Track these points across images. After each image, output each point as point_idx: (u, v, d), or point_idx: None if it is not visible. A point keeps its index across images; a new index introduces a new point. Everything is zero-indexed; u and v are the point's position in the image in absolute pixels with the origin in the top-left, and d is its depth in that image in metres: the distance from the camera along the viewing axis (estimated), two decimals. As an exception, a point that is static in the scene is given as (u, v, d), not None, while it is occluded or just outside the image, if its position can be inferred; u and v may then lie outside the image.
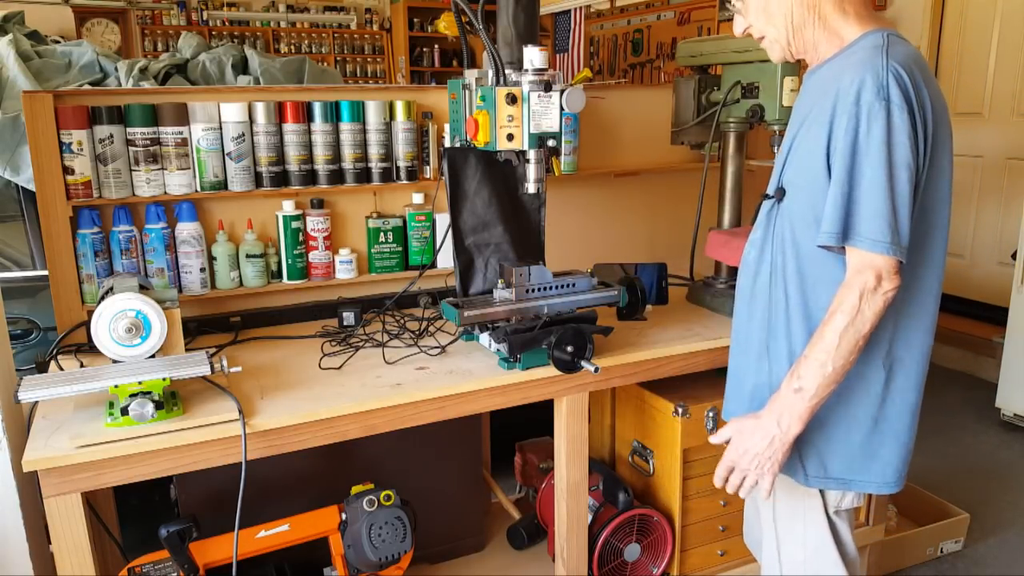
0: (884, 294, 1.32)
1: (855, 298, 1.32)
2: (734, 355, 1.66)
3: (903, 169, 1.30)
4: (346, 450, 1.98)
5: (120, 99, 2.00)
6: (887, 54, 1.32)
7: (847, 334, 1.33)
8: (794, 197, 1.44)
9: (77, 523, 1.49)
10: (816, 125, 1.37)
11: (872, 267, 1.31)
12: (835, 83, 1.35)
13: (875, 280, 1.31)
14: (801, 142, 1.42)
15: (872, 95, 1.29)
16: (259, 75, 3.04)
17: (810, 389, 1.37)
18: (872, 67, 1.30)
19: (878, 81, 1.29)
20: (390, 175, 2.27)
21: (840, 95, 1.33)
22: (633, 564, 2.20)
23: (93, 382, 1.51)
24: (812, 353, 1.36)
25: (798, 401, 1.38)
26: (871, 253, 1.31)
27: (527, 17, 1.86)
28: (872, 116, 1.29)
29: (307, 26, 8.88)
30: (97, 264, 1.99)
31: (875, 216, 1.30)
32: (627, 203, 2.71)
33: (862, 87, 1.30)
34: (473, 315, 1.80)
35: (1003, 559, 2.66)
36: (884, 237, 1.30)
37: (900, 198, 1.30)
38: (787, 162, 1.46)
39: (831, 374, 1.35)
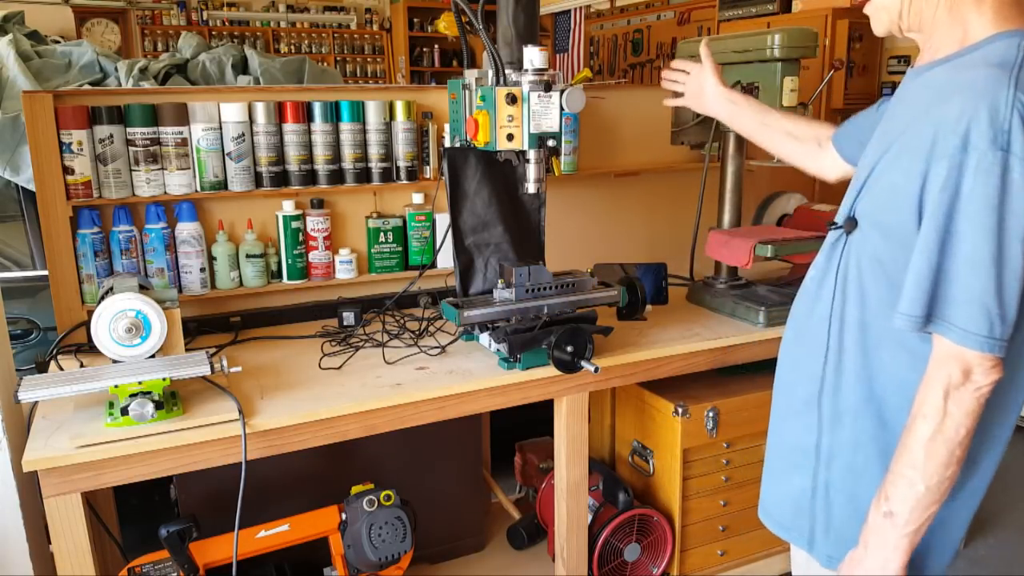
0: (977, 391, 1.05)
1: (938, 398, 1.05)
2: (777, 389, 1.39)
3: (1018, 242, 1.00)
4: (346, 450, 1.98)
5: (120, 99, 2.00)
6: (1016, 80, 1.00)
7: (934, 445, 1.06)
8: (867, 234, 1.17)
9: (77, 523, 1.49)
10: (908, 156, 1.08)
11: (959, 360, 1.04)
12: (940, 104, 1.05)
13: (962, 376, 1.04)
14: (885, 171, 1.13)
15: (986, 141, 0.99)
16: (259, 75, 3.04)
17: (902, 514, 1.09)
18: (991, 98, 1.00)
19: (997, 122, 0.98)
20: (390, 175, 2.27)
21: (942, 129, 1.02)
22: (633, 564, 2.20)
23: (93, 382, 1.51)
24: (898, 468, 1.10)
25: (890, 529, 1.11)
26: (963, 348, 1.04)
27: (527, 17, 1.86)
28: (981, 169, 0.99)
29: (307, 26, 8.87)
30: (97, 264, 1.99)
31: (971, 301, 1.02)
32: (627, 203, 2.71)
33: (972, 126, 0.99)
34: (473, 315, 1.80)
35: (1003, 559, 2.66)
36: (980, 329, 1.02)
37: (1009, 279, 1.01)
38: (865, 188, 1.18)
39: (925, 494, 1.08)
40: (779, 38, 2.02)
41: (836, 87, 4.36)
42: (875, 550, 1.13)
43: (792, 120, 1.68)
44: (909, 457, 1.09)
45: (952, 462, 1.07)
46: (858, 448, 1.22)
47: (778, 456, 1.38)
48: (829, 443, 1.25)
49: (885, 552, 1.12)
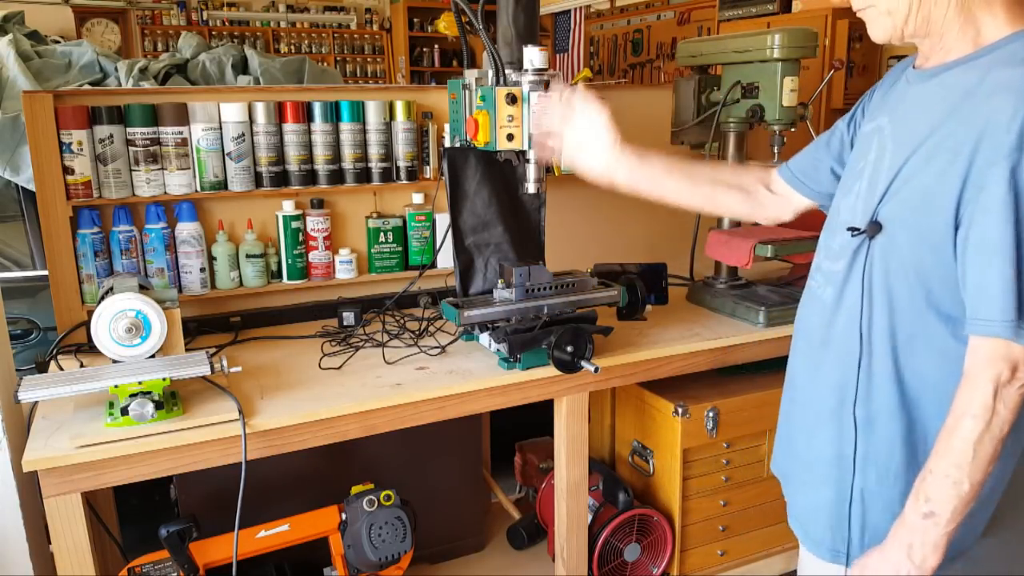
0: (1021, 387, 1.06)
1: (987, 396, 1.05)
2: (791, 405, 1.39)
3: None
4: (346, 450, 1.98)
5: (120, 99, 2.00)
6: None
7: (983, 443, 1.06)
8: (895, 237, 1.15)
9: (77, 523, 1.49)
10: (944, 156, 1.07)
11: (1008, 358, 1.04)
12: (976, 104, 1.05)
13: (1009, 372, 1.05)
14: (915, 175, 1.11)
15: None
16: (259, 75, 3.04)
17: (944, 513, 1.09)
18: None
19: None
20: (390, 175, 2.27)
21: (991, 127, 1.01)
22: (633, 564, 2.20)
23: (93, 382, 1.51)
24: (940, 468, 1.09)
25: (931, 528, 1.10)
26: (1010, 342, 1.04)
27: (527, 17, 1.86)
28: None
29: (307, 26, 8.87)
30: (97, 264, 1.99)
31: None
32: (627, 203, 2.69)
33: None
34: (473, 315, 1.80)
35: (1003, 559, 2.66)
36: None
37: None
38: (890, 192, 1.15)
39: (968, 492, 1.08)
40: (779, 38, 2.02)
41: (836, 87, 4.36)
42: (914, 550, 1.12)
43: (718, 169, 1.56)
44: (954, 457, 1.08)
45: (995, 459, 1.08)
46: (892, 452, 1.21)
47: (807, 469, 1.35)
48: (864, 450, 1.24)
49: (924, 551, 1.12)
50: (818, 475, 1.31)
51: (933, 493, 1.10)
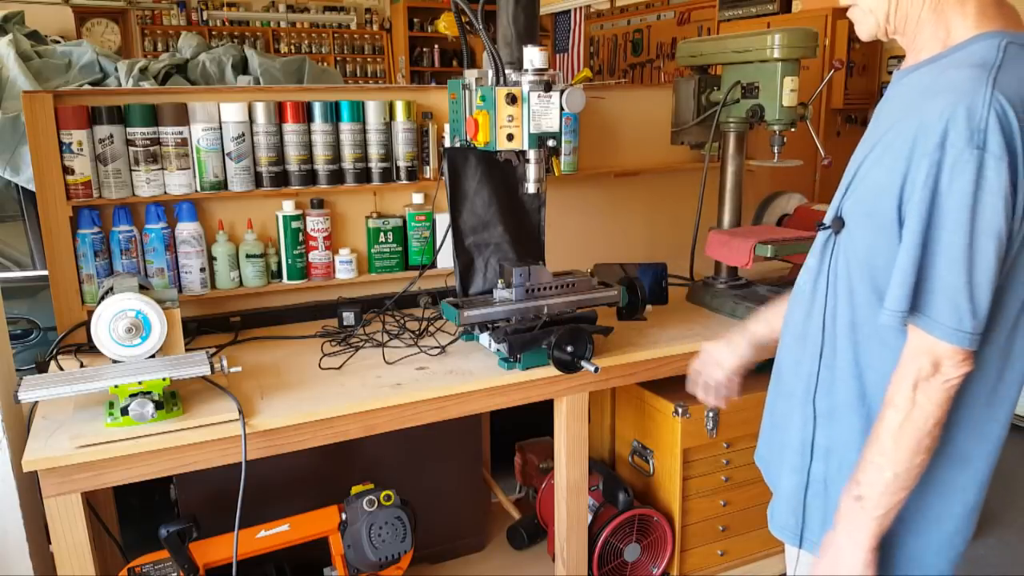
0: (946, 383, 1.08)
1: (908, 388, 1.09)
2: (776, 397, 1.41)
3: (990, 238, 1.02)
4: (346, 450, 1.98)
5: (120, 99, 2.00)
6: (994, 80, 1.02)
7: (903, 433, 1.09)
8: (852, 233, 1.18)
9: (77, 523, 1.49)
10: (890, 156, 1.10)
11: (930, 353, 1.07)
12: (921, 104, 1.07)
13: (931, 368, 1.07)
14: (869, 171, 1.15)
15: (963, 139, 1.01)
16: (259, 75, 3.04)
17: (871, 498, 1.12)
18: (969, 98, 1.01)
19: (974, 121, 1.00)
20: (390, 175, 2.27)
21: (923, 128, 1.05)
22: (633, 564, 2.20)
23: (93, 382, 1.51)
24: (868, 455, 1.13)
25: (859, 512, 1.14)
26: (932, 337, 1.07)
27: (527, 17, 1.86)
28: (958, 167, 1.01)
29: (307, 26, 8.87)
30: (97, 264, 1.99)
31: (943, 294, 1.05)
32: (627, 203, 2.71)
33: (950, 125, 1.01)
34: (473, 315, 1.80)
35: (1003, 559, 2.66)
36: (951, 322, 1.05)
37: (980, 274, 1.03)
38: (850, 188, 1.19)
39: (893, 480, 1.11)
40: (779, 38, 2.02)
41: (836, 87, 4.36)
42: (846, 533, 1.16)
43: None
44: (879, 445, 1.12)
45: (920, 451, 1.10)
46: (850, 444, 1.23)
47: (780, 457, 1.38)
48: (825, 439, 1.27)
49: (856, 535, 1.15)
50: (787, 463, 1.35)
51: (863, 478, 1.14)
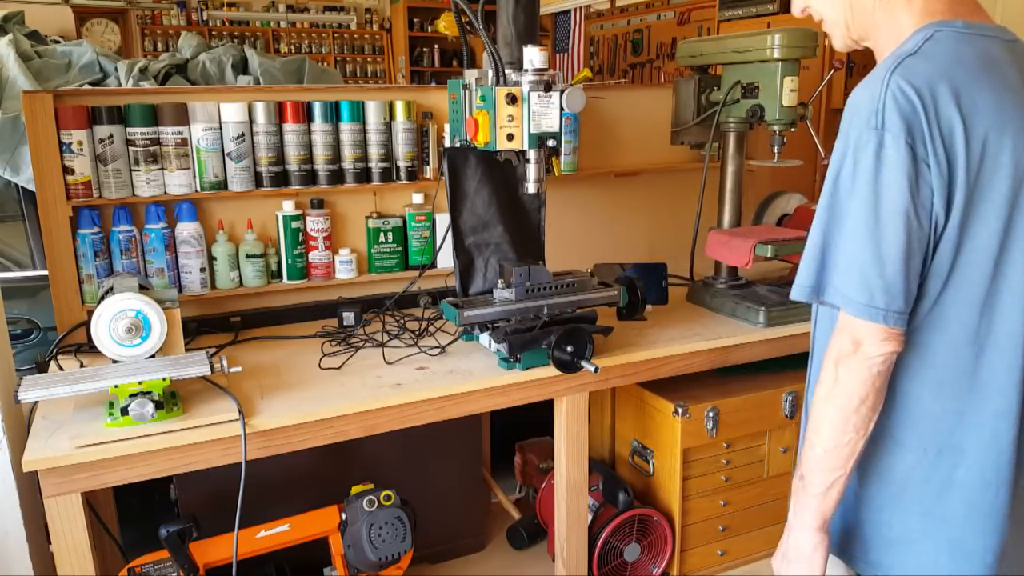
0: (868, 360, 1.09)
1: (831, 365, 1.12)
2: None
3: (894, 214, 1.05)
4: (346, 450, 1.98)
5: (120, 99, 2.00)
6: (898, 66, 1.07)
7: (826, 408, 1.12)
8: None
9: (77, 523, 1.49)
10: (839, 143, 1.15)
11: (849, 330, 1.10)
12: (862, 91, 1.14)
13: (852, 345, 1.10)
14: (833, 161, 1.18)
15: (863, 121, 1.07)
16: (259, 75, 3.04)
17: (810, 476, 1.16)
18: (874, 84, 1.08)
19: (873, 103, 1.06)
20: (390, 175, 2.27)
21: (845, 115, 1.12)
22: (633, 564, 2.20)
23: (93, 382, 1.51)
24: (806, 433, 1.17)
25: (802, 492, 1.17)
26: (855, 318, 1.09)
27: (527, 17, 1.86)
28: (860, 147, 1.07)
29: (307, 26, 8.87)
30: (97, 264, 1.99)
31: (850, 269, 1.08)
32: (627, 203, 2.71)
33: (855, 110, 1.09)
34: (473, 315, 1.80)
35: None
36: (859, 297, 1.07)
37: (888, 249, 1.06)
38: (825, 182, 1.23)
39: (823, 457, 1.13)
40: (779, 38, 2.02)
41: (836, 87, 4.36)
42: (794, 514, 1.20)
43: None
44: (810, 422, 1.16)
45: (848, 429, 1.11)
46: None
47: None
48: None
49: (803, 516, 1.18)
50: None
51: (802, 456, 1.18)
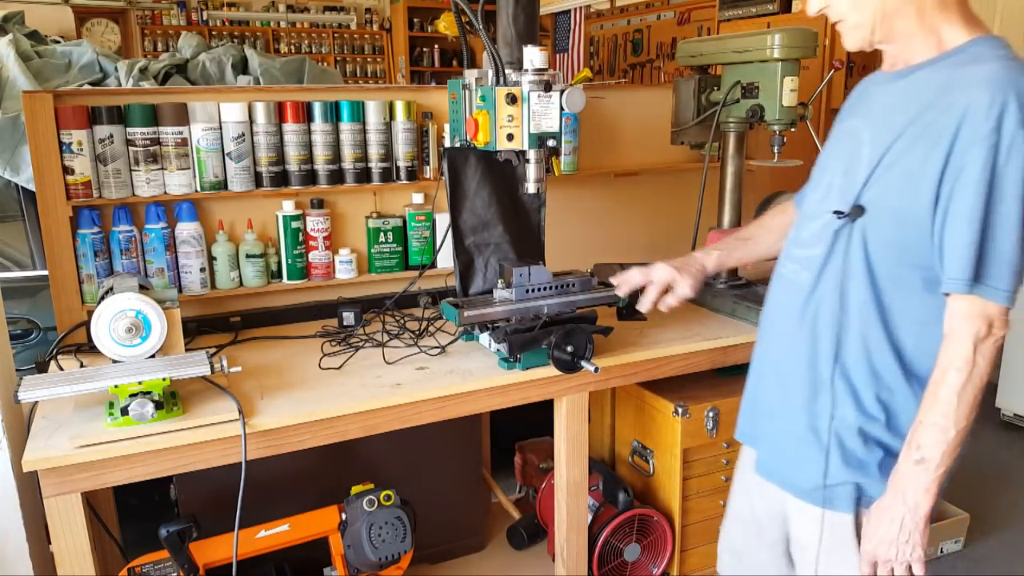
0: (996, 342, 1.20)
1: (969, 351, 1.19)
2: (770, 387, 1.49)
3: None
4: (346, 450, 1.98)
5: (120, 99, 2.00)
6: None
7: (965, 392, 1.20)
8: (878, 218, 1.27)
9: (77, 523, 1.49)
10: (926, 143, 1.20)
11: (984, 315, 1.19)
12: (953, 97, 1.18)
13: (987, 329, 1.19)
14: (898, 160, 1.24)
15: (1016, 123, 1.13)
16: (259, 75, 3.04)
17: (934, 458, 1.22)
18: (1015, 87, 1.14)
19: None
20: (390, 175, 2.27)
21: (970, 115, 1.15)
22: (633, 564, 2.20)
23: (93, 382, 1.51)
24: (929, 418, 1.22)
25: (922, 473, 1.23)
26: (986, 300, 1.18)
27: (527, 17, 1.86)
28: (1015, 148, 1.13)
29: (307, 26, 8.87)
30: (97, 264, 1.99)
31: (1003, 262, 1.17)
32: (627, 203, 2.71)
33: (1004, 112, 1.13)
34: (473, 315, 1.80)
35: (1003, 559, 2.66)
36: (1007, 286, 1.18)
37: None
38: (873, 177, 1.27)
39: (955, 438, 1.21)
40: (779, 38, 2.02)
41: (836, 87, 4.35)
42: (908, 495, 1.25)
43: (771, 224, 1.73)
44: (942, 407, 1.21)
45: (975, 406, 1.21)
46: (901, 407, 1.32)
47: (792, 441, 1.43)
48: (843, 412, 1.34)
49: (917, 496, 1.24)
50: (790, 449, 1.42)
51: (924, 441, 1.23)
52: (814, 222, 1.38)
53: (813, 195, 1.42)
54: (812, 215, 1.39)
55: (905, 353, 1.30)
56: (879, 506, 1.31)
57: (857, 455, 1.34)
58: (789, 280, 1.42)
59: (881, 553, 1.29)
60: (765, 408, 1.51)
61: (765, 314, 1.52)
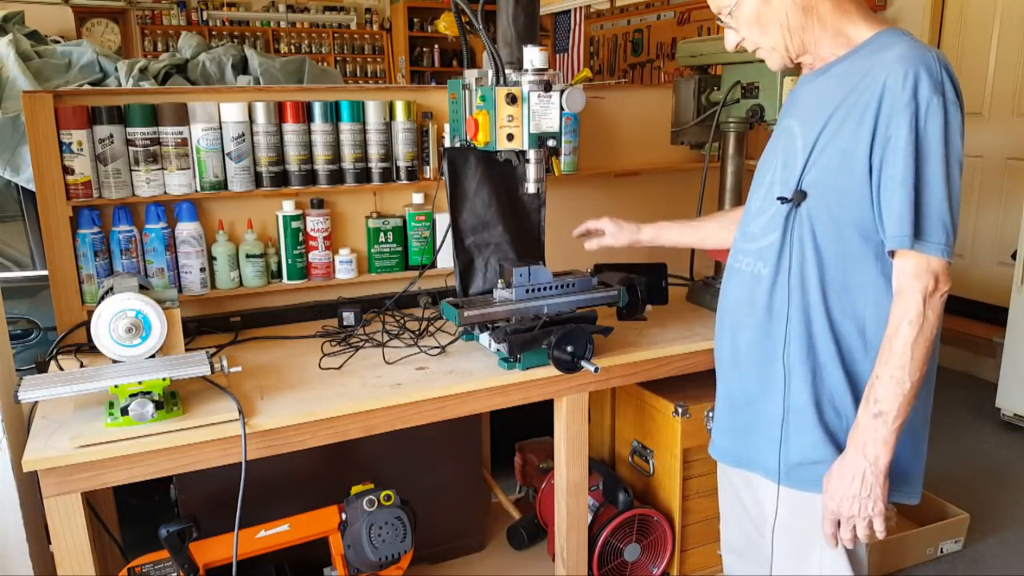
0: (942, 296, 1.28)
1: (919, 305, 1.27)
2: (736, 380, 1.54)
3: (957, 167, 1.27)
4: (346, 450, 1.98)
5: (120, 99, 2.00)
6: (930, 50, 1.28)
7: (918, 345, 1.27)
8: (818, 200, 1.36)
9: (77, 523, 1.49)
10: (852, 121, 1.31)
11: (930, 270, 1.27)
12: (870, 79, 1.29)
13: (934, 283, 1.27)
14: (831, 141, 1.34)
15: (929, 90, 1.24)
16: (259, 75, 3.04)
17: (891, 411, 1.29)
18: (924, 61, 1.25)
19: (934, 76, 1.25)
20: (390, 175, 2.27)
21: (888, 90, 1.27)
22: (633, 564, 2.20)
23: (93, 382, 1.51)
24: (885, 372, 1.29)
25: (880, 426, 1.30)
26: (929, 256, 1.27)
27: (527, 17, 1.86)
28: (931, 112, 1.25)
29: (307, 26, 8.87)
30: (97, 264, 1.99)
31: (935, 218, 1.26)
32: (627, 203, 2.71)
33: (918, 82, 1.25)
34: (473, 315, 1.80)
35: (1003, 559, 2.66)
36: (942, 239, 1.27)
37: (954, 195, 1.27)
38: (810, 163, 1.37)
39: (910, 390, 1.28)
40: (779, 38, 2.02)
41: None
42: (868, 447, 1.31)
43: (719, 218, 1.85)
44: (897, 360, 1.28)
45: (926, 359, 1.29)
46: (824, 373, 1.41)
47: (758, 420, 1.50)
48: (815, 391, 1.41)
49: (877, 449, 1.31)
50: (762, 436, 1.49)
51: (880, 395, 1.29)
52: (760, 217, 1.46)
53: (756, 195, 1.51)
54: (758, 212, 1.48)
55: (867, 323, 1.36)
56: (840, 463, 1.35)
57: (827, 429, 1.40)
58: (747, 273, 1.49)
59: (844, 510, 1.34)
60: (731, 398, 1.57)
61: (723, 308, 1.57)
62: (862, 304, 1.37)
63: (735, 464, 1.58)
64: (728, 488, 1.68)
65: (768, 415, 1.47)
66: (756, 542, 1.62)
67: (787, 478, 1.45)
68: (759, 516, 1.58)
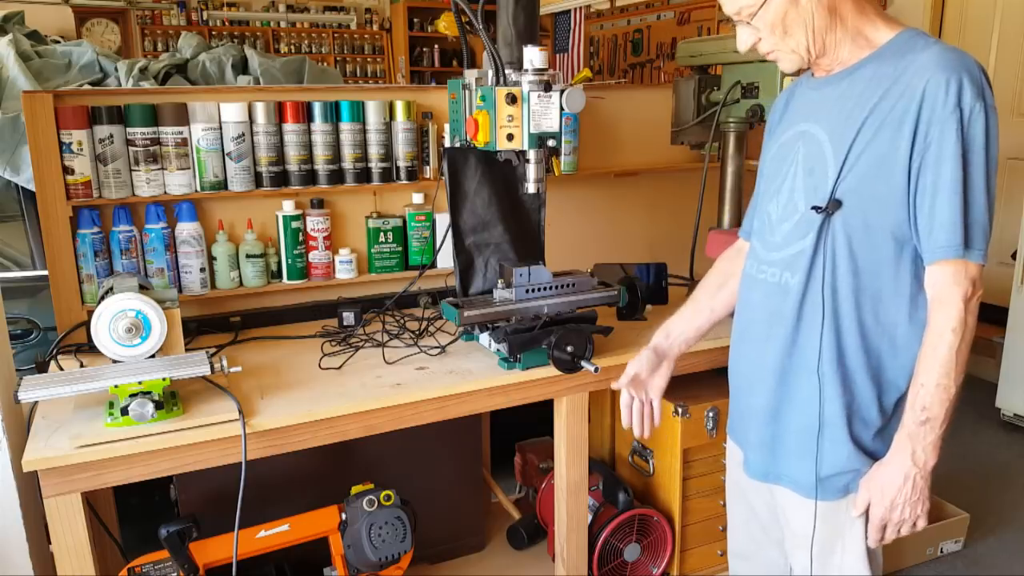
0: (977, 300, 1.28)
1: (961, 312, 1.26)
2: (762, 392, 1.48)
3: (994, 172, 1.28)
4: (346, 450, 1.98)
5: (120, 99, 2.00)
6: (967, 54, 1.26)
7: (961, 351, 1.27)
8: (854, 208, 1.33)
9: (77, 523, 1.49)
10: (890, 128, 1.28)
11: (968, 276, 1.27)
12: (904, 84, 1.27)
13: (971, 288, 1.27)
14: (867, 148, 1.30)
15: (972, 97, 1.23)
16: (259, 75, 3.04)
17: (938, 416, 1.29)
18: (965, 67, 1.24)
19: (976, 83, 1.24)
20: (390, 175, 2.27)
21: (928, 96, 1.24)
22: (633, 564, 2.20)
23: (93, 382, 1.51)
24: (931, 379, 1.28)
25: (929, 432, 1.30)
26: (968, 262, 1.26)
27: (527, 17, 1.86)
28: (974, 119, 1.24)
29: (307, 26, 8.87)
30: (97, 264, 1.99)
31: (978, 225, 1.27)
32: (627, 203, 2.71)
33: (962, 89, 1.23)
34: (473, 315, 1.80)
35: (1003, 559, 2.66)
36: (983, 246, 1.27)
37: (992, 202, 1.28)
38: (844, 170, 1.33)
39: (954, 395, 1.29)
40: (779, 38, 2.01)
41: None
42: (917, 453, 1.31)
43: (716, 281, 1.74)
44: (943, 367, 1.27)
45: (967, 363, 1.29)
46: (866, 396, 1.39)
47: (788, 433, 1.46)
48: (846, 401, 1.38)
49: (926, 454, 1.31)
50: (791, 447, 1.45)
51: (928, 402, 1.29)
52: (784, 224, 1.42)
53: (774, 201, 1.46)
54: (780, 219, 1.43)
55: (899, 329, 1.35)
56: (887, 471, 1.34)
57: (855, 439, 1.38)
58: (772, 284, 1.44)
59: (895, 516, 1.34)
60: (756, 412, 1.50)
61: (745, 319, 1.53)
62: (895, 311, 1.35)
63: (763, 480, 1.53)
64: (736, 492, 1.65)
65: (800, 428, 1.43)
66: (764, 547, 1.61)
67: (822, 492, 1.42)
68: (769, 521, 1.56)
